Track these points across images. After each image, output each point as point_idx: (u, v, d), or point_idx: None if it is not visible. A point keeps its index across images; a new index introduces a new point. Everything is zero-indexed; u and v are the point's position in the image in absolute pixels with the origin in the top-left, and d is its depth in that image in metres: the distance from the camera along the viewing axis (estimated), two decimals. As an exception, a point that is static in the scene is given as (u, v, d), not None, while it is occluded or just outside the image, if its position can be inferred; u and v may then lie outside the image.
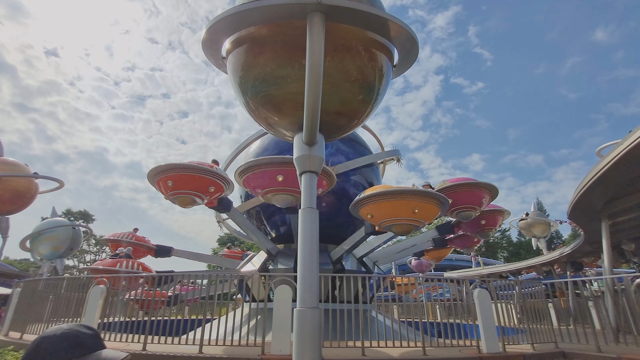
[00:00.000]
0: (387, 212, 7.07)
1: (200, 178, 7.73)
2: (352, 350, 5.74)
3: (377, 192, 7.13)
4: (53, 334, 1.06)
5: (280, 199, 7.36)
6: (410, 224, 7.09)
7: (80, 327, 1.12)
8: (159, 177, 7.79)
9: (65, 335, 1.05)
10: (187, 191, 7.73)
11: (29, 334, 7.38)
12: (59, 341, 1.04)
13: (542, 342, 6.77)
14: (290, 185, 7.11)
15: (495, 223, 9.86)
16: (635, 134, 6.17)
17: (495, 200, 9.44)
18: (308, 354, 3.33)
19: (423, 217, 7.10)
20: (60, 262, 16.68)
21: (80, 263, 48.64)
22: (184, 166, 7.71)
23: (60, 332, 1.06)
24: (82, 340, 1.07)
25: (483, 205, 8.41)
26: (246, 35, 3.88)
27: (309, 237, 3.69)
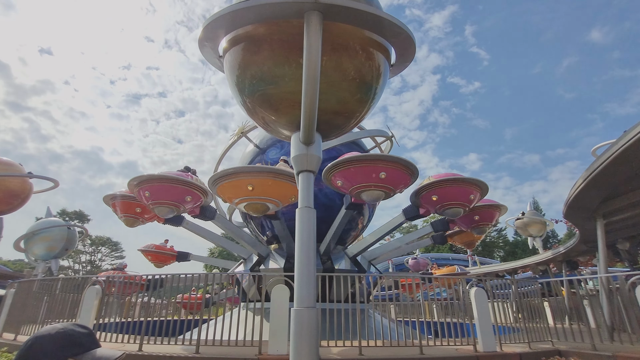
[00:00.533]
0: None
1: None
2: (349, 350, 5.74)
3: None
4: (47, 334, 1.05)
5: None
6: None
7: (74, 326, 1.11)
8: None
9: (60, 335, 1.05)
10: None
11: (23, 335, 7.31)
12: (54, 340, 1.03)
13: (538, 341, 6.81)
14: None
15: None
16: (629, 134, 6.23)
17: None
18: (305, 353, 3.32)
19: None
20: (55, 263, 16.54)
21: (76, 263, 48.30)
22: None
23: (55, 332, 1.05)
24: (77, 339, 1.06)
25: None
26: (243, 34, 3.86)
27: (306, 236, 3.68)
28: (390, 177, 7.03)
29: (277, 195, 7.46)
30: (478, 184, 8.15)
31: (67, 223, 18.52)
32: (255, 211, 7.53)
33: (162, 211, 8.00)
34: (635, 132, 6.08)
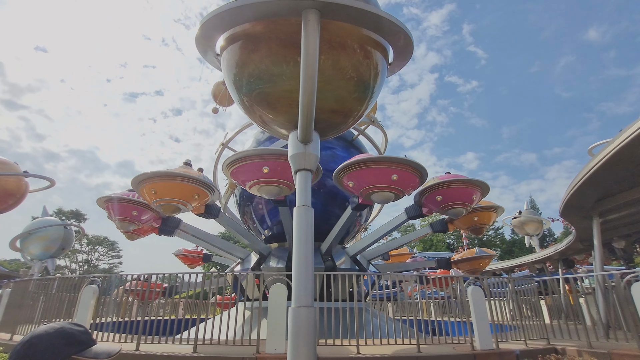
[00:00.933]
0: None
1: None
2: (347, 349, 5.75)
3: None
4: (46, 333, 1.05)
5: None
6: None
7: (70, 324, 1.12)
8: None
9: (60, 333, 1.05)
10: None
11: (19, 335, 7.26)
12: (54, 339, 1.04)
13: (534, 339, 6.86)
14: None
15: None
16: (625, 133, 6.27)
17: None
18: (303, 352, 3.32)
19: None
20: (52, 262, 16.43)
21: (72, 263, 48.05)
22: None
23: (53, 331, 1.05)
24: (77, 337, 1.08)
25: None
26: (240, 32, 3.84)
27: (303, 235, 3.67)
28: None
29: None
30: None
31: (63, 222, 18.41)
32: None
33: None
34: (631, 131, 6.12)
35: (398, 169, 7.13)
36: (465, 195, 8.17)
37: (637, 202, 8.87)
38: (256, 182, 7.31)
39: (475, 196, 8.25)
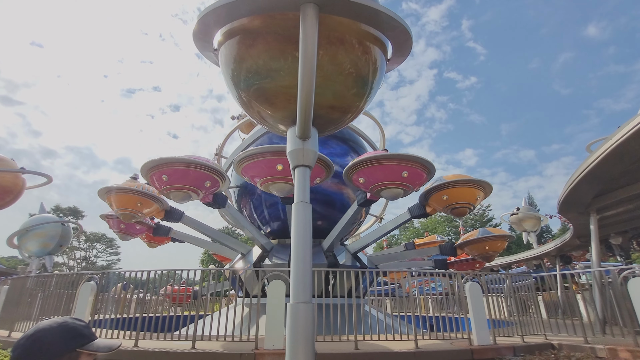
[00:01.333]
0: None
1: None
2: (345, 344, 5.77)
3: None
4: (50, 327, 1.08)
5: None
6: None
7: (73, 319, 1.16)
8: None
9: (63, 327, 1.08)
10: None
11: (17, 332, 7.25)
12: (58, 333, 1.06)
13: (531, 334, 6.90)
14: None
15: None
16: (622, 130, 6.28)
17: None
18: (301, 348, 3.32)
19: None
20: (50, 259, 16.41)
21: (70, 260, 48.00)
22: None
23: (57, 325, 1.09)
24: (80, 331, 1.11)
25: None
26: (238, 27, 3.81)
27: (302, 231, 3.66)
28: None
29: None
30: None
31: (61, 219, 18.35)
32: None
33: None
34: (629, 128, 6.13)
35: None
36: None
37: (635, 199, 8.91)
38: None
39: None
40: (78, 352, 1.08)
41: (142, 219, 8.50)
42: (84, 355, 1.10)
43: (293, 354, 3.30)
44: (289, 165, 6.77)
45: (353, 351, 5.43)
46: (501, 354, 5.72)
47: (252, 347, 5.37)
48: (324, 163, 7.64)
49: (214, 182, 7.99)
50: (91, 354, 1.10)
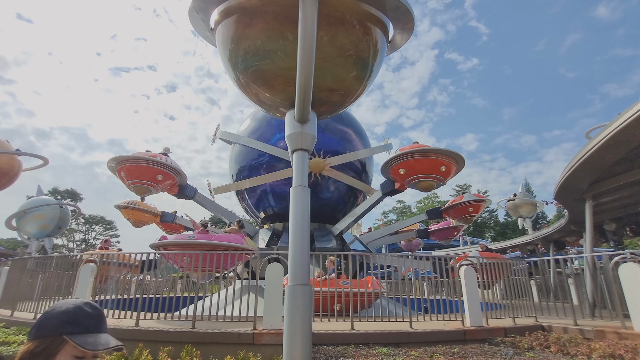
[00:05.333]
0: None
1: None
2: (341, 325, 5.92)
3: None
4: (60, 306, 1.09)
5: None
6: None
7: (85, 305, 1.11)
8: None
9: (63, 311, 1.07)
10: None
11: (19, 312, 7.38)
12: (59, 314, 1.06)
13: (523, 317, 7.09)
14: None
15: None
16: (621, 117, 6.24)
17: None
18: (299, 328, 3.41)
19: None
20: (49, 241, 16.52)
21: (70, 242, 48.33)
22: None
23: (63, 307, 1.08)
24: (78, 319, 1.06)
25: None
26: (235, 5, 3.69)
27: (300, 214, 3.69)
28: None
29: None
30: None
31: (59, 202, 18.35)
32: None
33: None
34: (628, 115, 6.09)
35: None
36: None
37: (631, 186, 8.97)
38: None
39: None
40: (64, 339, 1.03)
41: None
42: (70, 346, 1.03)
43: (291, 334, 3.39)
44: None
45: (349, 331, 5.57)
46: (492, 335, 5.89)
47: (250, 327, 5.50)
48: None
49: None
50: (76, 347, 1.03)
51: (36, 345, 1.03)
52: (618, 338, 5.33)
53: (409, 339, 5.51)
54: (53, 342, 1.03)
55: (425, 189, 8.06)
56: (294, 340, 3.33)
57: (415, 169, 7.86)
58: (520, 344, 5.40)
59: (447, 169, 7.74)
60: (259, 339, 5.14)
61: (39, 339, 1.03)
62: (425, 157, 7.78)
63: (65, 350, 1.03)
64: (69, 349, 1.03)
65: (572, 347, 5.07)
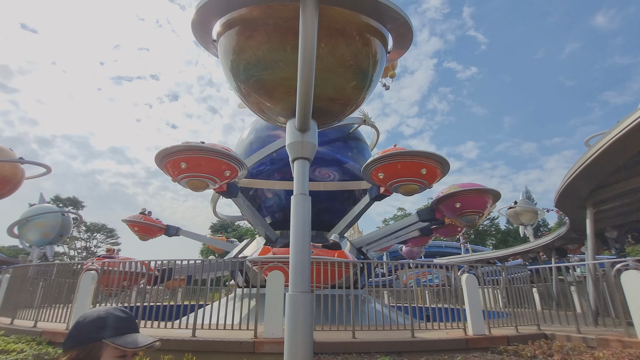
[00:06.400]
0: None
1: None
2: (343, 334, 5.88)
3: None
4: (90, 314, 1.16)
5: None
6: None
7: (116, 310, 1.20)
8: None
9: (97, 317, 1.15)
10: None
11: (19, 319, 7.36)
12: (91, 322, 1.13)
13: (525, 325, 7.04)
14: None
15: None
16: (621, 125, 6.29)
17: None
18: (300, 337, 3.40)
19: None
20: (50, 249, 16.52)
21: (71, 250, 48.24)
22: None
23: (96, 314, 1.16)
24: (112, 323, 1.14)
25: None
26: (237, 17, 3.78)
27: (301, 222, 3.71)
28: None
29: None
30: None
31: (61, 209, 18.40)
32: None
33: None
34: (626, 123, 6.14)
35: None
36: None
37: (631, 193, 8.97)
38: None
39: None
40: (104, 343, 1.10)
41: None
42: (110, 348, 1.10)
43: (292, 343, 3.38)
44: None
45: (351, 340, 5.54)
46: (495, 344, 5.84)
47: (251, 336, 5.47)
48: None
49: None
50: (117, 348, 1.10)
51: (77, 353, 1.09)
52: (622, 346, 5.28)
53: (411, 347, 5.46)
54: (94, 347, 1.10)
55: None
56: (295, 349, 3.33)
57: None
58: (523, 352, 5.35)
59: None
60: (259, 347, 5.12)
61: (78, 347, 1.10)
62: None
63: (107, 353, 1.10)
64: (110, 351, 1.11)
65: (575, 355, 5.03)
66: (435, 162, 7.55)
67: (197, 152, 7.26)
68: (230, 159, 7.64)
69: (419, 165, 7.41)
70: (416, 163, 7.43)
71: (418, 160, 7.44)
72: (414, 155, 7.55)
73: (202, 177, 7.42)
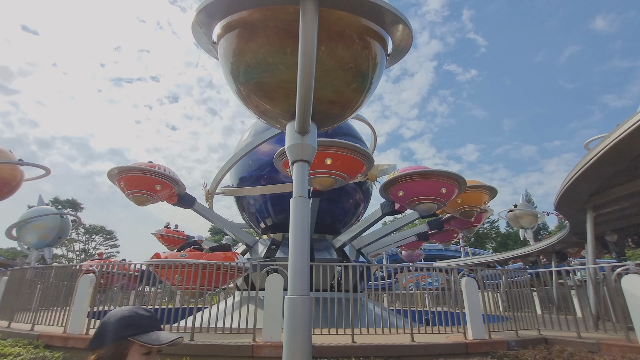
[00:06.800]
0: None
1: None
2: (342, 337, 5.84)
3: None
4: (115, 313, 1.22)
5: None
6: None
7: (139, 309, 1.26)
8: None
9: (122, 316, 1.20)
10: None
11: (17, 322, 7.31)
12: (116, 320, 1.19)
13: (525, 329, 7.00)
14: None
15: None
16: (620, 129, 6.29)
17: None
18: (298, 340, 3.37)
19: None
20: (48, 251, 16.45)
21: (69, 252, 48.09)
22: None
23: (120, 314, 1.21)
24: (136, 321, 1.20)
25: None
26: (238, 20, 3.78)
27: (300, 225, 3.69)
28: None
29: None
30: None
31: (59, 211, 18.35)
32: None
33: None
34: (626, 127, 6.14)
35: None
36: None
37: (631, 197, 8.96)
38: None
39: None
40: (130, 340, 1.15)
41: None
42: (136, 345, 1.15)
43: (290, 347, 3.35)
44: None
45: (350, 344, 5.50)
46: (495, 348, 5.80)
47: (250, 340, 5.43)
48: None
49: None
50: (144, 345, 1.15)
51: (105, 351, 1.14)
52: (623, 351, 5.24)
53: (411, 352, 5.43)
54: (120, 345, 1.15)
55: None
56: (294, 353, 3.30)
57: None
58: (524, 357, 5.31)
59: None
60: (258, 351, 5.08)
61: (105, 346, 1.15)
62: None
63: (133, 350, 1.16)
64: (136, 349, 1.16)
65: (576, 360, 5.00)
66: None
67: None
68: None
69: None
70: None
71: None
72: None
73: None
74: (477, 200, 8.81)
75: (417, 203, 7.83)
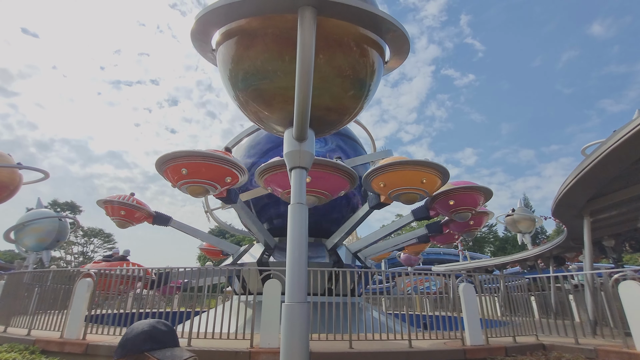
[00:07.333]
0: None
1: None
2: (339, 343, 5.83)
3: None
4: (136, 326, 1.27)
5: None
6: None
7: (159, 323, 1.30)
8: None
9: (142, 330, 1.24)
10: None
11: (13, 327, 7.27)
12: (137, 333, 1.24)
13: (523, 335, 7.00)
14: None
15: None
16: (617, 135, 6.33)
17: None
18: (296, 347, 3.37)
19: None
20: (47, 254, 16.40)
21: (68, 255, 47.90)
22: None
23: (141, 328, 1.26)
24: (156, 336, 1.24)
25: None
26: (237, 28, 3.82)
27: (297, 232, 3.71)
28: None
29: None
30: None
31: (58, 214, 18.32)
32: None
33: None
34: (623, 133, 6.19)
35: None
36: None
37: (628, 202, 9.00)
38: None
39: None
40: (145, 355, 1.20)
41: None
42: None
43: (288, 353, 3.36)
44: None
45: (347, 350, 5.49)
46: (493, 354, 5.80)
47: (247, 345, 5.42)
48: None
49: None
50: None
51: None
52: (620, 358, 5.25)
53: (408, 358, 5.42)
54: (138, 358, 1.19)
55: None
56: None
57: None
58: (521, 363, 5.31)
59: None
60: (255, 357, 5.07)
61: (124, 358, 1.21)
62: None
63: None
64: None
65: (573, 367, 4.99)
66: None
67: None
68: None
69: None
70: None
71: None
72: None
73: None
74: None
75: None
